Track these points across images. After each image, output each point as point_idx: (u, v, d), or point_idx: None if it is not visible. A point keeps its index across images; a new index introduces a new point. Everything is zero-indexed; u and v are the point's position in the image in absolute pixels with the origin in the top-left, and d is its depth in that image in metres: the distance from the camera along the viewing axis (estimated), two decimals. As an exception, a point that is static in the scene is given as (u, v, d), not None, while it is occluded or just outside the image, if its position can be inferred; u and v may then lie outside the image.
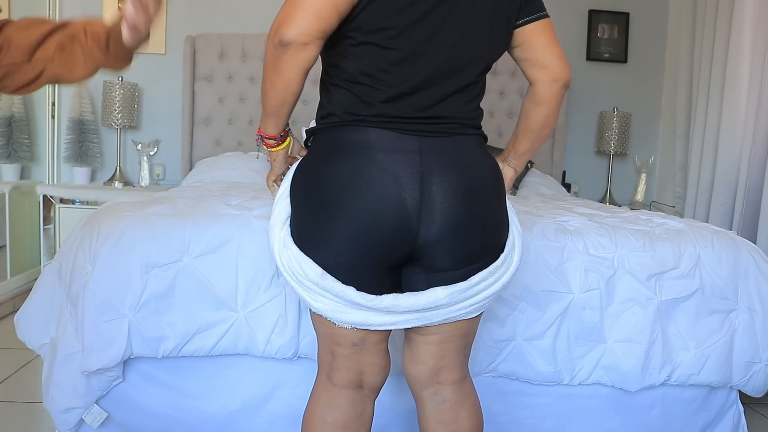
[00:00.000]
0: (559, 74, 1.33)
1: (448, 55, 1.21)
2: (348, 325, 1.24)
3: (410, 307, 1.22)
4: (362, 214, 1.17)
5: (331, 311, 1.23)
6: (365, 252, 1.19)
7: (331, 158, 1.22)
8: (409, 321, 1.26)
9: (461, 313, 1.28)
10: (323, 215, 1.20)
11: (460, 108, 1.26)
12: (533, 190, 3.38)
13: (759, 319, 1.90)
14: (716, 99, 3.23)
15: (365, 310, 1.22)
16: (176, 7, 3.77)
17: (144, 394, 1.72)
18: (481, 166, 1.26)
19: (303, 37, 1.13)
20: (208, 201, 2.01)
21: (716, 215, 3.15)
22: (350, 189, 1.18)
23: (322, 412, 1.32)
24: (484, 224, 1.25)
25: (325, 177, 1.21)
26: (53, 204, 3.40)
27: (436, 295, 1.22)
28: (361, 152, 1.19)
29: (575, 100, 4.00)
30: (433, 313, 1.25)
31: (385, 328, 1.26)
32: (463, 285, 1.24)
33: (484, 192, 1.25)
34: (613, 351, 1.81)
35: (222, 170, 3.23)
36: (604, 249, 1.85)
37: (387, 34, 1.18)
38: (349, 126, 1.22)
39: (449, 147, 1.23)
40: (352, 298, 1.20)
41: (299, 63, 1.16)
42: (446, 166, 1.21)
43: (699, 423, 1.92)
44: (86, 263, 1.68)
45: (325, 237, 1.20)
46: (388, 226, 1.18)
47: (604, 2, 3.98)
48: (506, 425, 1.84)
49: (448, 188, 1.20)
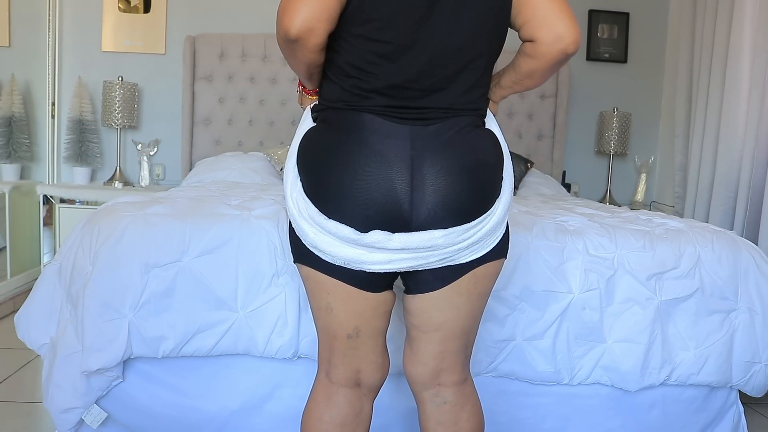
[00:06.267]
0: (564, 33, 1.18)
1: (438, 45, 1.20)
2: (341, 261, 1.23)
3: (403, 245, 1.21)
4: (352, 193, 1.18)
5: (325, 243, 1.23)
6: (356, 224, 1.20)
7: (329, 134, 1.24)
8: (404, 260, 1.23)
9: (459, 255, 1.25)
10: (318, 188, 1.22)
11: (456, 99, 1.24)
12: (533, 190, 3.38)
13: (759, 319, 1.90)
14: (716, 99, 3.23)
15: (357, 246, 1.21)
16: (176, 7, 3.77)
17: (144, 394, 1.72)
18: (476, 144, 1.25)
19: (308, 23, 1.11)
20: (208, 201, 2.01)
21: (716, 215, 3.15)
22: (341, 167, 1.19)
23: (320, 410, 1.33)
24: (479, 198, 1.23)
25: (320, 153, 1.23)
26: (53, 204, 3.40)
27: (432, 234, 1.21)
28: (355, 133, 1.21)
29: (575, 100, 4.00)
30: (428, 253, 1.23)
31: (379, 267, 1.23)
32: (459, 228, 1.22)
33: (480, 169, 1.23)
34: (612, 351, 1.81)
35: (222, 170, 3.23)
36: (604, 249, 1.85)
37: (374, 25, 1.17)
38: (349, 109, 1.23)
39: (442, 130, 1.22)
40: (344, 233, 1.20)
41: (311, 48, 1.16)
42: (437, 149, 1.20)
43: (699, 423, 1.92)
44: (86, 263, 1.68)
45: (320, 202, 1.22)
46: (379, 205, 1.18)
47: (604, 2, 3.98)
48: (507, 425, 1.84)
49: (441, 171, 1.19)
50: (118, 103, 3.52)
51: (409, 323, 1.36)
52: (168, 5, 3.75)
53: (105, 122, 3.60)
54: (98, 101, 3.70)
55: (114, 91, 3.52)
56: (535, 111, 3.89)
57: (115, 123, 3.55)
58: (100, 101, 3.66)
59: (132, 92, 3.59)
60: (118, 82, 3.54)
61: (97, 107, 3.72)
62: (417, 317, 1.33)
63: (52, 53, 3.64)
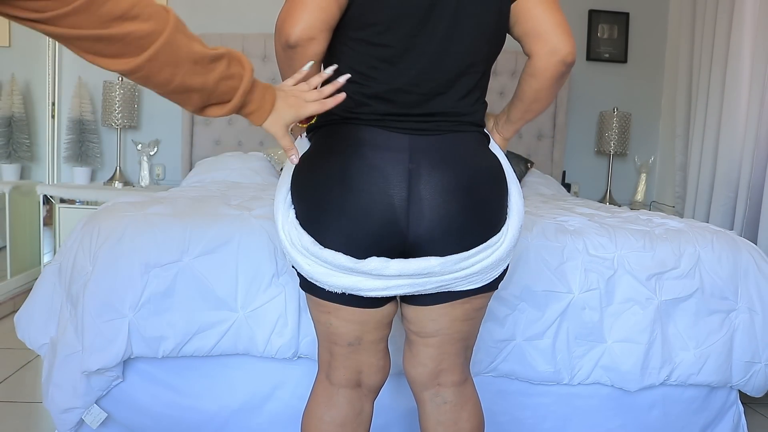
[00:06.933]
0: (558, 45, 1.20)
1: (438, 48, 1.19)
2: (338, 290, 1.22)
3: (400, 272, 1.20)
4: (349, 209, 1.17)
5: (321, 274, 1.21)
6: (354, 245, 1.18)
7: (324, 153, 1.22)
8: (401, 287, 1.22)
9: (456, 283, 1.24)
10: (315, 209, 1.20)
11: (456, 103, 1.23)
12: (533, 190, 3.38)
13: (759, 319, 1.90)
14: (716, 99, 3.23)
15: (354, 274, 1.20)
16: (176, 7, 3.74)
17: (144, 394, 1.72)
18: (476, 163, 1.23)
19: (308, 32, 1.12)
20: (208, 201, 2.01)
21: (716, 215, 3.15)
22: (339, 184, 1.18)
23: (321, 410, 1.32)
24: (478, 221, 1.22)
25: (316, 172, 1.21)
26: (53, 204, 3.40)
27: (429, 263, 1.20)
28: (352, 149, 1.19)
29: (575, 100, 4.00)
30: (425, 280, 1.22)
31: (376, 293, 1.22)
32: (456, 256, 1.21)
33: (480, 189, 1.22)
34: (612, 351, 1.81)
35: (222, 170, 3.23)
36: (604, 249, 1.85)
37: (375, 29, 1.17)
38: (345, 123, 1.22)
39: (442, 144, 1.21)
40: (340, 262, 1.18)
41: (311, 56, 1.15)
42: (437, 163, 1.19)
43: (699, 423, 1.92)
44: (86, 263, 1.68)
45: (316, 228, 1.20)
46: (376, 221, 1.17)
47: (604, 2, 3.98)
48: (507, 425, 1.84)
49: (438, 186, 1.18)
50: (118, 103, 3.52)
51: (407, 329, 1.36)
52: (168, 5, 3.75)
53: (105, 122, 3.60)
54: (98, 101, 3.70)
55: (114, 91, 3.52)
56: (535, 111, 3.89)
57: (115, 123, 3.55)
58: (100, 101, 3.66)
59: (132, 92, 3.59)
60: (118, 82, 3.54)
61: (97, 107, 3.72)
62: (414, 324, 1.33)
63: (52, 53, 3.64)
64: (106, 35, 0.90)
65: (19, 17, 0.86)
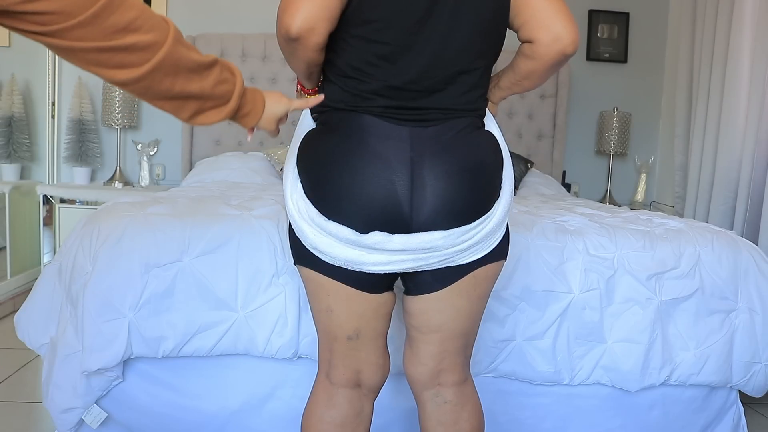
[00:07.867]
0: (562, 33, 1.18)
1: (437, 46, 1.20)
2: (341, 263, 1.23)
3: (403, 246, 1.21)
4: (353, 196, 1.18)
5: (326, 245, 1.22)
6: (357, 225, 1.19)
7: (329, 137, 1.24)
8: (404, 261, 1.23)
9: (458, 256, 1.25)
10: (319, 190, 1.22)
11: (456, 99, 1.24)
12: (533, 190, 3.38)
13: (759, 319, 1.90)
14: (716, 99, 3.23)
15: (358, 247, 1.21)
16: (176, 7, 3.76)
17: (144, 394, 1.72)
18: (475, 145, 1.24)
19: (309, 23, 1.12)
20: (208, 201, 2.01)
21: (716, 215, 3.15)
22: (341, 169, 1.19)
23: (321, 410, 1.33)
24: (480, 198, 1.23)
25: (320, 154, 1.22)
26: (53, 204, 3.40)
27: (432, 236, 1.21)
28: (355, 135, 1.21)
29: (575, 100, 4.00)
30: (428, 254, 1.23)
31: (379, 268, 1.23)
32: (459, 229, 1.22)
33: (480, 168, 1.23)
34: (612, 351, 1.81)
35: (222, 170, 3.23)
36: (604, 249, 1.85)
37: (373, 26, 1.17)
38: (349, 111, 1.23)
39: (441, 132, 1.22)
40: (344, 234, 1.20)
41: (312, 47, 1.16)
42: (438, 150, 1.20)
43: (699, 423, 1.92)
44: (86, 263, 1.68)
45: (322, 205, 1.21)
46: (378, 206, 1.18)
47: (604, 2, 3.98)
48: (507, 425, 1.84)
49: (441, 171, 1.19)
50: (118, 103, 3.52)
51: (409, 324, 1.36)
52: (168, 5, 3.75)
53: (105, 122, 3.60)
54: (98, 101, 3.69)
55: (114, 91, 3.52)
56: (535, 111, 3.89)
57: (115, 123, 3.55)
58: (100, 101, 3.66)
59: (132, 92, 3.59)
60: (118, 82, 3.53)
61: (97, 107, 3.72)
62: (416, 318, 1.33)
63: (52, 53, 3.64)
64: (110, 47, 0.92)
65: (25, 30, 0.88)
